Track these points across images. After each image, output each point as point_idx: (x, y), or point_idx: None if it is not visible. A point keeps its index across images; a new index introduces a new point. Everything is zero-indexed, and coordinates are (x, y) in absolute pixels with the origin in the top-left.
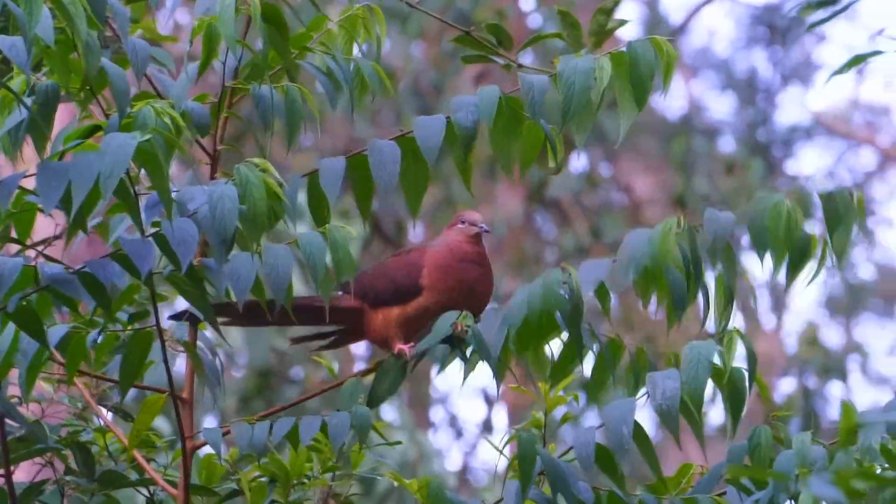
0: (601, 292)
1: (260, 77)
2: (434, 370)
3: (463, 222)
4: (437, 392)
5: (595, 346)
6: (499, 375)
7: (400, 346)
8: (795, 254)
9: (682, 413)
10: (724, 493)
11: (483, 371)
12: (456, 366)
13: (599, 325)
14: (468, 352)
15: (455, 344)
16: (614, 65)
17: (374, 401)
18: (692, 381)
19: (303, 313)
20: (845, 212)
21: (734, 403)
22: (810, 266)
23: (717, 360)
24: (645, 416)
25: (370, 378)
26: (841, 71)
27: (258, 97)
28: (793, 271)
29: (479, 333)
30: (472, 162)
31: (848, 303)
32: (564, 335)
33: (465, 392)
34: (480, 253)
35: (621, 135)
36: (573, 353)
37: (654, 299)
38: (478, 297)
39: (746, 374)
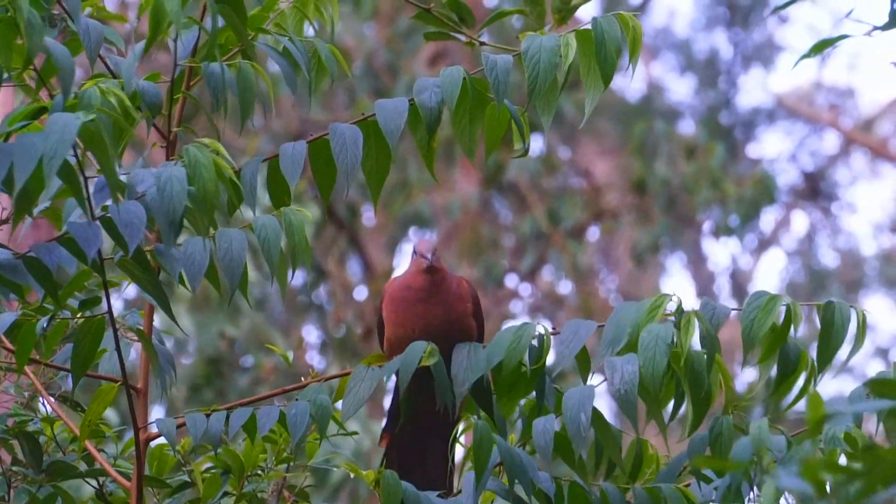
0: (582, 357)
1: (216, 58)
2: None
3: (415, 253)
4: (392, 381)
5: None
6: (452, 412)
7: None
8: (782, 364)
9: (641, 397)
10: (689, 485)
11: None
12: None
13: None
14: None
15: None
16: (580, 42)
17: (347, 412)
18: (649, 364)
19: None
20: (842, 326)
21: (694, 388)
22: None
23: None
24: (604, 405)
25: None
26: (808, 55)
27: (209, 75)
28: (779, 385)
29: (440, 373)
30: (435, 146)
31: (810, 289)
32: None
33: None
34: (429, 284)
35: (587, 113)
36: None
37: None
38: (435, 328)
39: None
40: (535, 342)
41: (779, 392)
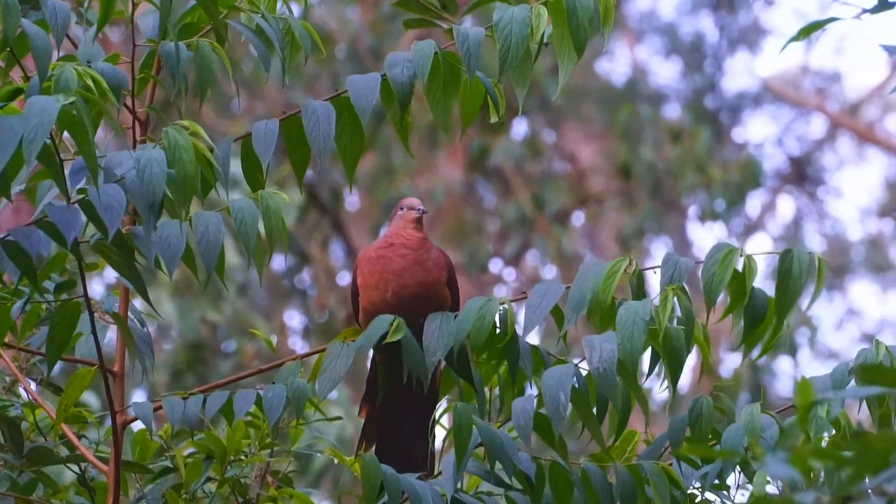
0: (557, 314)
1: (189, 37)
2: None
3: (402, 208)
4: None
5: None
6: (425, 383)
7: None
8: (748, 316)
9: (619, 375)
10: (671, 464)
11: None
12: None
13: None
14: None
15: None
16: (551, 13)
17: (323, 390)
18: (628, 342)
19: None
20: (800, 274)
21: (672, 364)
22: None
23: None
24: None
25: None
26: (797, 38)
27: (166, 55)
28: (747, 336)
29: (409, 345)
30: (409, 121)
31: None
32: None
33: None
34: (416, 238)
35: (560, 83)
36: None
37: None
38: (411, 291)
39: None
40: (500, 314)
41: (749, 341)
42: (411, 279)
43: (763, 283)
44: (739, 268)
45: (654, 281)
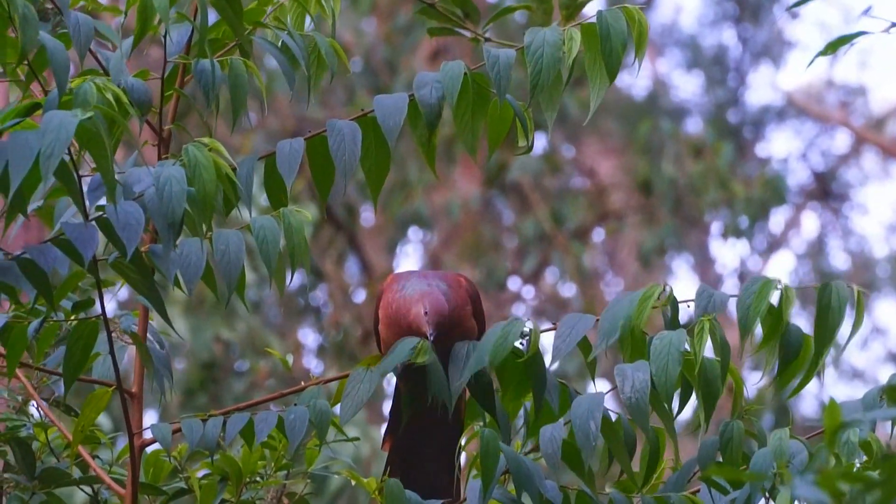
0: (584, 347)
1: (213, 53)
2: None
3: (426, 309)
4: (391, 386)
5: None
6: (450, 407)
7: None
8: (783, 350)
9: (652, 406)
10: (698, 492)
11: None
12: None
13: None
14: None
15: None
16: (584, 36)
17: (345, 416)
18: (662, 372)
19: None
20: (839, 308)
21: (707, 395)
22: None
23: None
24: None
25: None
26: (824, 53)
27: (199, 72)
28: (782, 371)
29: (434, 371)
30: (435, 143)
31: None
32: None
33: None
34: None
35: (592, 108)
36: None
37: None
38: (437, 342)
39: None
40: (524, 340)
41: (783, 379)
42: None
43: (794, 316)
44: (775, 302)
45: (684, 312)
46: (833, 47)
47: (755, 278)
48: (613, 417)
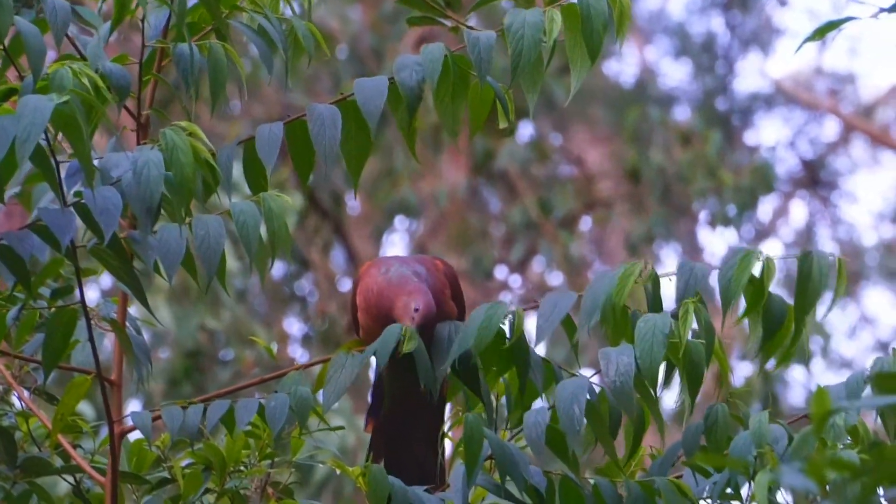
0: (569, 326)
1: (183, 36)
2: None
3: (408, 294)
4: (374, 372)
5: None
6: (435, 393)
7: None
8: (766, 322)
9: (636, 390)
10: (681, 477)
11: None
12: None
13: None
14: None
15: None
16: (565, 17)
17: (328, 402)
18: (647, 356)
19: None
20: (819, 277)
21: (691, 378)
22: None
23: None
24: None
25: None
26: (812, 38)
27: (178, 56)
28: (765, 344)
29: (420, 356)
30: (416, 126)
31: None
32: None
33: None
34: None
35: (573, 89)
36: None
37: None
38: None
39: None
40: (508, 321)
41: (766, 351)
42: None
43: (776, 290)
44: (756, 272)
45: (667, 288)
46: (821, 33)
47: (736, 249)
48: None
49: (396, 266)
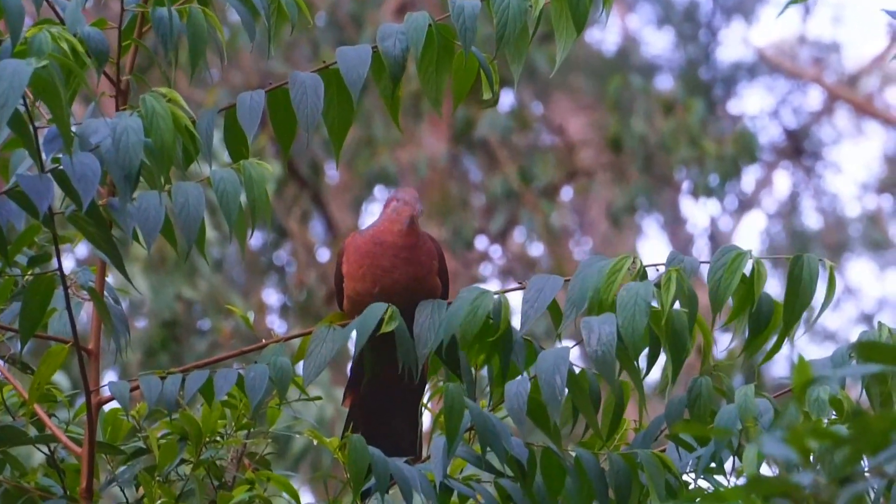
0: (554, 311)
1: (173, 2)
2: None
3: (397, 200)
4: (354, 346)
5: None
6: (416, 374)
7: None
8: (753, 321)
9: (619, 359)
10: (664, 450)
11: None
12: None
13: None
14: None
15: None
16: None
17: (308, 375)
18: (629, 324)
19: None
20: (810, 281)
21: (675, 348)
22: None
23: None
24: None
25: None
26: (795, 0)
27: (158, 20)
28: (751, 342)
29: (402, 336)
30: (400, 95)
31: (792, 252)
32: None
33: None
34: (409, 238)
35: (558, 60)
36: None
37: None
38: (401, 286)
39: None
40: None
41: (751, 347)
42: (402, 275)
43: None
44: (747, 272)
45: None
46: None
47: (726, 248)
48: (578, 371)
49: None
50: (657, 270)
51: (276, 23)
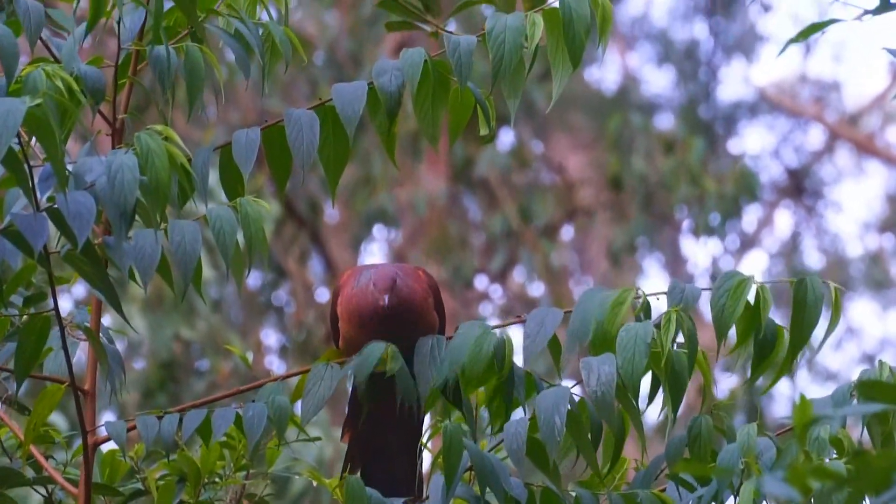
0: (555, 347)
1: (160, 39)
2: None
3: (371, 284)
4: (353, 386)
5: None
6: (417, 413)
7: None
8: (759, 348)
9: (618, 400)
10: (664, 490)
11: None
12: None
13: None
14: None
15: None
16: (547, 21)
17: (306, 414)
18: (629, 364)
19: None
20: (815, 305)
21: (674, 388)
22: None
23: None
24: None
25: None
26: (795, 40)
27: (154, 58)
28: (756, 368)
29: (402, 376)
30: (396, 131)
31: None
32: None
33: None
34: (391, 312)
35: (554, 95)
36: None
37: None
38: (397, 332)
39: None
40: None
41: (756, 374)
42: (395, 325)
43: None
44: (750, 299)
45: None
46: (805, 34)
47: (728, 274)
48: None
49: (372, 270)
50: (658, 299)
51: (270, 60)
